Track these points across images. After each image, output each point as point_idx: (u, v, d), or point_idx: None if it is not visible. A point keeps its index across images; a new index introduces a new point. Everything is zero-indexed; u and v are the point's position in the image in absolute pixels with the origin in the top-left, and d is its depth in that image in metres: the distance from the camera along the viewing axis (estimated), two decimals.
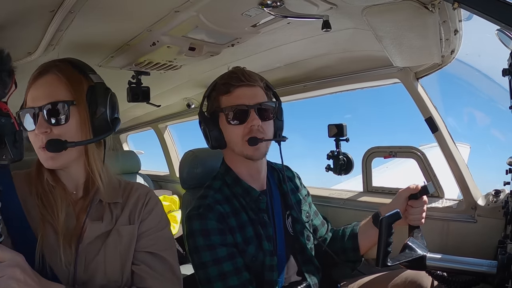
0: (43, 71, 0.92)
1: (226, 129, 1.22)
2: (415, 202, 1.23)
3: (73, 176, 0.96)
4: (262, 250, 1.19)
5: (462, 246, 1.39)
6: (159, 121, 3.01)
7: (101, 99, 0.93)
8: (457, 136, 1.49)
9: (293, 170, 1.49)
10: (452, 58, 1.34)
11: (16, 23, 1.04)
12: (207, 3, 1.05)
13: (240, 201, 1.24)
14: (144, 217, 0.99)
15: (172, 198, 2.91)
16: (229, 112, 1.20)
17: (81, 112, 0.91)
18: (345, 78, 1.70)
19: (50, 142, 0.86)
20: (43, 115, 0.87)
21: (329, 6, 1.08)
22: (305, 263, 1.30)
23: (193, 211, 1.18)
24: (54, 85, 0.90)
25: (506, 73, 0.86)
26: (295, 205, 1.34)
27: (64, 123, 0.89)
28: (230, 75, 1.23)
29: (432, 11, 0.96)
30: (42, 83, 0.91)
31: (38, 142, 0.89)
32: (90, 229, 0.91)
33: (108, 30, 1.24)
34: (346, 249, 1.36)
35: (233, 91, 1.20)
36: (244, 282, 1.14)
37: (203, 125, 1.27)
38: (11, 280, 0.69)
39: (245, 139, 1.19)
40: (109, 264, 0.91)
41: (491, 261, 0.97)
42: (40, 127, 0.87)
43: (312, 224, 1.40)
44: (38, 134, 0.88)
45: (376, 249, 1.03)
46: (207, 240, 1.13)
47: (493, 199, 1.38)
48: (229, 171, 1.28)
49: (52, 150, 0.86)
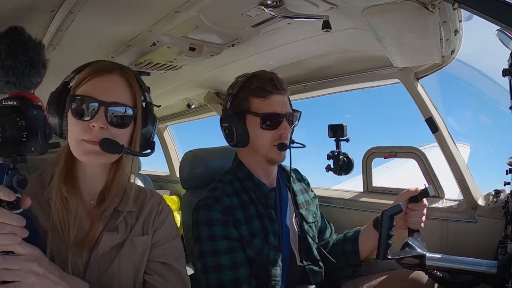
0: (107, 68, 0.91)
1: (256, 131, 1.24)
2: (415, 205, 1.23)
3: (92, 184, 0.94)
4: (267, 244, 1.21)
5: (462, 246, 1.38)
6: (159, 121, 3.00)
7: (151, 119, 0.95)
8: (455, 135, 1.49)
9: (302, 174, 1.53)
10: (452, 58, 1.34)
11: (16, 23, 1.04)
12: (207, 3, 1.05)
13: (249, 195, 1.26)
14: (158, 226, 0.99)
15: (172, 198, 2.92)
16: (264, 117, 1.22)
17: (137, 123, 0.92)
18: (345, 78, 1.70)
19: (108, 140, 0.84)
20: (105, 111, 0.85)
21: (329, 6, 1.08)
22: (310, 262, 1.31)
23: (201, 201, 1.21)
24: (121, 87, 0.90)
25: (506, 73, 0.86)
26: (303, 204, 1.38)
27: (123, 128, 0.88)
28: (268, 81, 1.23)
29: (432, 11, 0.96)
30: (108, 79, 0.89)
31: (88, 135, 0.85)
32: (105, 240, 0.89)
33: (108, 30, 1.24)
34: (347, 253, 1.37)
35: (269, 97, 1.23)
36: (239, 278, 1.15)
37: (228, 123, 1.26)
38: (30, 273, 0.70)
39: (274, 144, 1.24)
40: (123, 273, 0.90)
41: (491, 261, 0.97)
42: (99, 121, 0.84)
43: (318, 225, 1.43)
44: (93, 127, 0.85)
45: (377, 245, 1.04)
46: (210, 230, 1.15)
47: (493, 199, 1.38)
48: (241, 166, 1.31)
49: (106, 150, 0.84)
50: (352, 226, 1.47)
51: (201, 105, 2.48)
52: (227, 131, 1.27)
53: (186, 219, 1.44)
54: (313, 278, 1.29)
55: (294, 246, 1.30)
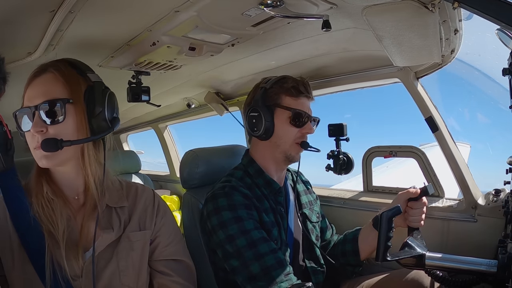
0: (40, 70, 0.90)
1: (283, 125, 1.29)
2: (414, 203, 1.24)
3: (72, 180, 0.93)
4: (280, 238, 1.23)
5: (462, 245, 1.38)
6: (159, 121, 3.01)
7: (99, 98, 0.89)
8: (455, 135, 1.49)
9: (305, 176, 1.57)
10: (452, 57, 1.33)
11: (16, 23, 1.04)
12: (207, 3, 1.05)
13: (261, 191, 1.28)
14: (160, 225, 0.99)
15: (172, 198, 2.92)
16: (295, 113, 1.28)
17: (78, 111, 0.87)
18: (345, 77, 1.70)
19: (46, 141, 0.83)
20: (39, 114, 0.84)
21: (329, 6, 1.08)
22: (311, 261, 1.33)
23: (217, 190, 1.21)
24: (50, 84, 0.88)
25: (506, 72, 0.86)
26: (307, 205, 1.41)
27: (61, 122, 0.85)
28: (302, 83, 1.32)
29: (432, 10, 0.96)
30: (38, 82, 0.89)
31: (33, 143, 0.86)
32: (101, 238, 0.88)
33: (108, 30, 1.24)
34: (347, 253, 1.37)
35: (300, 98, 1.31)
36: (274, 249, 1.14)
37: (257, 112, 1.29)
38: None
39: (296, 141, 1.30)
40: (123, 271, 0.90)
41: (491, 260, 0.97)
42: (35, 126, 0.84)
43: (320, 226, 1.45)
44: (34, 133, 0.84)
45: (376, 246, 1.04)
46: (234, 213, 1.15)
47: (493, 198, 1.38)
48: (252, 162, 1.33)
49: (48, 150, 0.83)
50: (352, 225, 1.48)
51: (201, 105, 2.48)
52: (255, 121, 1.29)
53: (187, 219, 1.44)
54: (315, 278, 1.30)
55: (297, 244, 1.31)
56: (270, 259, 1.10)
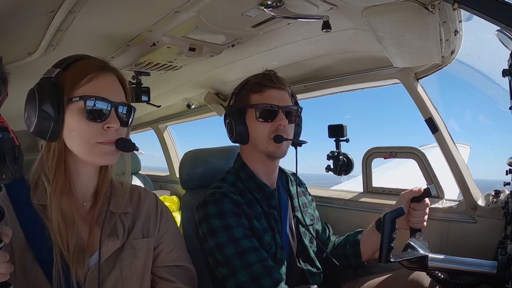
0: (103, 66, 0.88)
1: (254, 125, 1.26)
2: (417, 205, 1.24)
3: (85, 186, 0.91)
4: (275, 243, 1.22)
5: (462, 246, 1.38)
6: (159, 121, 3.01)
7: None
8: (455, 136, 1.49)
9: (300, 178, 1.53)
10: (452, 58, 1.33)
11: (16, 23, 1.04)
12: (207, 4, 1.05)
13: (253, 195, 1.27)
14: (162, 231, 0.99)
15: (171, 198, 2.92)
16: (260, 109, 1.25)
17: None
18: (345, 78, 1.70)
19: (123, 140, 0.86)
20: (117, 112, 0.86)
21: (329, 6, 1.08)
22: (307, 264, 1.32)
23: (208, 197, 1.21)
24: (118, 86, 0.90)
25: (506, 73, 0.86)
26: (300, 207, 1.38)
27: (126, 126, 0.90)
28: (264, 77, 1.29)
29: (432, 11, 0.96)
30: (106, 78, 0.87)
31: (102, 137, 0.84)
32: (106, 246, 0.87)
33: (108, 30, 1.24)
34: (348, 255, 1.37)
35: (265, 91, 1.27)
36: (264, 258, 1.13)
37: (229, 119, 1.30)
38: None
39: (271, 137, 1.25)
40: (126, 280, 0.89)
41: (491, 261, 0.97)
42: (114, 122, 0.85)
43: (314, 228, 1.43)
44: (108, 129, 0.85)
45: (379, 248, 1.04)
46: (224, 221, 1.14)
47: (493, 199, 1.38)
48: (244, 167, 1.31)
49: (124, 149, 0.86)
50: (352, 227, 1.47)
51: (201, 105, 2.49)
52: (229, 127, 1.31)
53: (186, 219, 1.44)
54: (312, 280, 1.29)
55: (292, 247, 1.30)
56: (259, 268, 1.09)
